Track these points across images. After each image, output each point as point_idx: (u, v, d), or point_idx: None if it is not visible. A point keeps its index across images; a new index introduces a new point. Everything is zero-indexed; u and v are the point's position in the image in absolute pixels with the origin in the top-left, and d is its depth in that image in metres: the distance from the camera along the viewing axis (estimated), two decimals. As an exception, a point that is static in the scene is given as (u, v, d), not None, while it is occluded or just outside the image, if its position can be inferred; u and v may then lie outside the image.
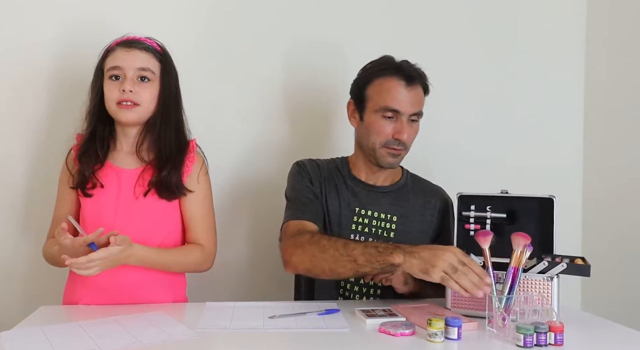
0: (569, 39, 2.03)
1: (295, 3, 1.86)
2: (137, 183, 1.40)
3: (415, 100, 1.45)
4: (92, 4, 1.73)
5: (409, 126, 1.45)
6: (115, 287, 1.36)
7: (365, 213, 1.50)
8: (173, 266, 1.42)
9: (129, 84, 1.35)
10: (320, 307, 1.30)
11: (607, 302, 1.91)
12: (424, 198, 1.54)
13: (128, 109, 1.37)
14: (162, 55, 1.42)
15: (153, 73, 1.39)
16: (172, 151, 1.41)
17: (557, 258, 1.24)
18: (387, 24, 1.91)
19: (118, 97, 1.36)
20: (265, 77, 1.84)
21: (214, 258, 1.47)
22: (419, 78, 1.46)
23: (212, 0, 1.81)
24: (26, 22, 1.70)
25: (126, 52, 1.37)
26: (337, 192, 1.52)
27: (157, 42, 1.44)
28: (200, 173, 1.45)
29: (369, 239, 1.47)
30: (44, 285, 1.66)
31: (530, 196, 1.33)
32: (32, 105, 1.72)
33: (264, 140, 1.86)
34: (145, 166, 1.41)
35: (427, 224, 1.53)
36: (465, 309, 1.26)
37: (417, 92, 1.46)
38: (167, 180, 1.38)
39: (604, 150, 1.98)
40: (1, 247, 1.71)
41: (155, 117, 1.41)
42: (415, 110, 1.45)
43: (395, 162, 1.49)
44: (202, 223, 1.45)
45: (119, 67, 1.37)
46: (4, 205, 1.71)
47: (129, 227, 1.35)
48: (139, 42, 1.41)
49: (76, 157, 1.42)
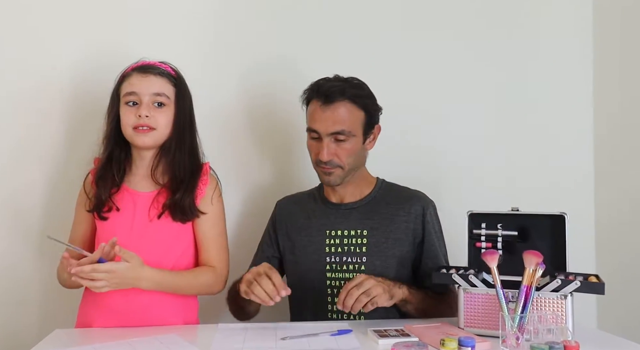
0: (576, 58, 2.03)
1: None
2: (151, 206, 1.42)
3: (333, 119, 1.44)
4: (110, 30, 1.76)
5: (331, 145, 1.45)
6: (127, 308, 1.38)
7: (335, 233, 1.52)
8: (185, 288, 1.42)
9: (145, 110, 1.38)
10: (332, 328, 1.30)
11: (624, 320, 1.88)
12: (396, 205, 1.53)
13: (144, 134, 1.40)
14: (176, 79, 1.45)
15: (168, 98, 1.41)
16: (186, 174, 1.43)
17: (571, 276, 1.23)
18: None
19: (134, 122, 1.39)
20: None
21: (226, 280, 1.48)
22: (340, 94, 1.44)
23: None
24: (46, 47, 1.74)
25: (142, 77, 1.40)
26: (309, 221, 1.56)
27: (172, 66, 1.47)
28: (214, 195, 1.47)
29: (343, 258, 1.50)
30: (59, 308, 1.68)
31: (542, 213, 1.32)
32: (50, 130, 1.75)
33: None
34: (160, 189, 1.43)
35: (402, 231, 1.51)
36: (479, 328, 1.25)
37: (336, 110, 1.44)
38: (180, 202, 1.40)
39: (616, 164, 1.96)
40: (18, 271, 1.73)
41: (170, 141, 1.43)
42: (334, 129, 1.44)
43: (331, 180, 1.49)
44: (215, 245, 1.46)
45: (134, 92, 1.39)
46: (22, 228, 1.73)
47: (143, 249, 1.36)
48: (154, 67, 1.43)
49: (93, 181, 1.45)
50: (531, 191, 1.92)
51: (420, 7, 1.94)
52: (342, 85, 1.47)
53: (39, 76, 1.74)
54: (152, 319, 1.38)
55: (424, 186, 1.62)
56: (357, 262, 1.49)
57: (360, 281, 1.31)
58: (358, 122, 1.47)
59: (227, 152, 1.81)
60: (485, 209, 1.37)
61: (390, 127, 1.60)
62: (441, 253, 1.53)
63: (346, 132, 1.45)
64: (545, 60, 2.01)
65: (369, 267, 1.48)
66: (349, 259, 1.50)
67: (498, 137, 1.98)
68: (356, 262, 1.49)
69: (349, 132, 1.45)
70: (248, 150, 1.85)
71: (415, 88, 1.92)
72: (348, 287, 1.31)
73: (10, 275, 1.72)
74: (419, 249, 1.52)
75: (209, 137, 1.57)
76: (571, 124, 2.03)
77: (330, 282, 1.50)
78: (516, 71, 1.99)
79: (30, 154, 1.74)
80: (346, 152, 1.47)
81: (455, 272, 1.31)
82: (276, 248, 1.61)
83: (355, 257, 1.49)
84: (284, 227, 1.61)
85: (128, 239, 1.39)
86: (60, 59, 1.75)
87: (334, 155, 1.46)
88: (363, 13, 1.91)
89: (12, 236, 1.73)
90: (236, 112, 1.84)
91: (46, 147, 1.74)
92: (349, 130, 1.45)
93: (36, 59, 1.74)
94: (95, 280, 1.25)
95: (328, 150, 1.45)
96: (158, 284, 1.35)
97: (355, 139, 1.47)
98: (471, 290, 1.29)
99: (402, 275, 1.48)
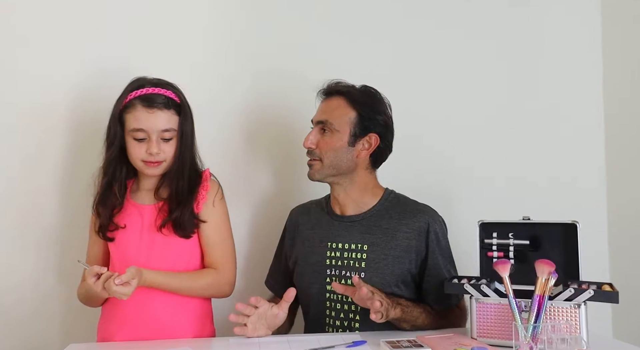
0: (586, 64, 2.03)
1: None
2: (157, 216, 1.44)
3: (322, 110, 1.53)
4: (114, 50, 1.78)
5: (316, 135, 1.50)
6: (143, 319, 1.41)
7: (336, 246, 1.51)
8: (184, 289, 1.43)
9: (155, 147, 1.40)
10: (345, 340, 1.30)
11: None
12: (399, 220, 1.49)
13: (154, 167, 1.43)
14: (180, 105, 1.45)
15: (175, 130, 1.43)
16: (184, 192, 1.44)
17: (584, 284, 1.23)
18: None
19: (144, 157, 1.41)
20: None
21: (232, 282, 1.49)
22: (338, 91, 1.51)
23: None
24: (51, 67, 1.75)
25: (148, 114, 1.39)
26: (313, 232, 1.56)
27: (174, 89, 1.45)
28: (215, 198, 1.48)
29: (343, 272, 1.48)
30: (78, 324, 1.69)
31: (553, 222, 1.32)
32: (63, 147, 1.76)
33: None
34: (162, 203, 1.46)
35: (404, 248, 1.47)
36: (492, 338, 1.25)
37: (329, 102, 1.52)
38: (180, 219, 1.42)
39: (628, 171, 1.95)
40: (38, 289, 1.74)
41: (174, 164, 1.45)
42: (320, 118, 1.51)
43: (311, 173, 1.52)
44: (219, 248, 1.48)
45: (142, 130, 1.40)
46: (40, 247, 1.74)
47: (153, 257, 1.41)
48: (158, 98, 1.41)
49: (94, 208, 1.47)
50: (543, 200, 1.91)
51: (423, 10, 1.95)
52: (347, 86, 1.52)
53: (45, 95, 1.75)
54: (167, 327, 1.41)
55: (434, 196, 1.62)
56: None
57: (372, 288, 1.33)
58: (345, 119, 1.48)
59: (231, 160, 1.81)
60: (496, 218, 1.37)
61: (400, 136, 1.59)
62: (445, 270, 1.48)
63: (329, 124, 1.48)
64: (557, 65, 2.01)
65: (367, 283, 1.41)
66: (348, 273, 1.47)
67: (509, 146, 1.97)
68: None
69: (331, 124, 1.48)
70: (252, 159, 1.86)
71: (423, 97, 1.93)
72: (370, 291, 1.31)
73: (31, 290, 1.73)
74: (422, 266, 1.48)
75: (211, 145, 1.58)
76: (583, 133, 2.02)
77: (329, 294, 1.49)
78: (528, 78, 1.99)
79: (45, 173, 1.75)
80: (327, 145, 1.48)
81: (467, 282, 1.31)
82: (284, 256, 1.62)
83: (354, 272, 1.46)
84: (292, 236, 1.62)
85: (138, 252, 1.42)
86: (66, 78, 1.76)
87: (316, 145, 1.49)
88: (367, 21, 1.91)
89: (32, 251, 1.74)
90: (240, 120, 1.85)
91: (60, 166, 1.76)
92: (332, 123, 1.48)
93: (41, 78, 1.75)
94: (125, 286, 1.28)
95: (311, 137, 1.50)
96: (155, 285, 1.38)
97: (338, 135, 1.48)
98: (483, 300, 1.28)
99: (401, 292, 1.46)
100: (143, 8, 1.80)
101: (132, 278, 1.28)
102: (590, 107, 2.03)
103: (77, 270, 1.56)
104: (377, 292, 1.34)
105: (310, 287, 1.52)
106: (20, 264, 1.73)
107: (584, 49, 2.03)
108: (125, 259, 1.41)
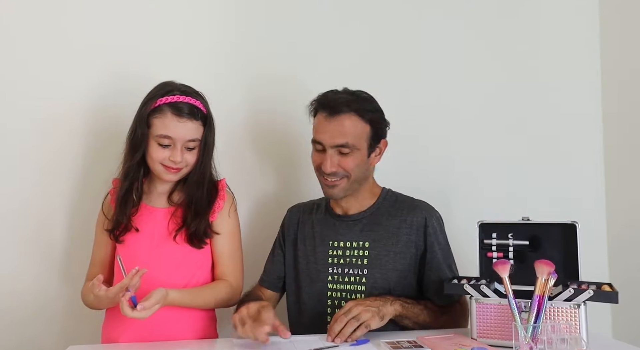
0: (585, 64, 2.03)
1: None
2: (170, 221, 1.45)
3: (338, 132, 1.43)
4: (132, 54, 1.79)
5: (335, 157, 1.44)
6: (147, 322, 1.38)
7: (338, 245, 1.53)
8: (204, 306, 1.46)
9: (179, 155, 1.41)
10: (347, 340, 1.30)
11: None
12: (399, 217, 1.51)
13: (173, 173, 1.43)
14: (206, 117, 1.45)
15: (200, 140, 1.44)
16: (202, 203, 1.45)
17: (583, 285, 1.23)
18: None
19: (165, 162, 1.41)
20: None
21: (240, 293, 1.51)
22: (346, 107, 1.43)
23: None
24: (70, 71, 1.77)
25: (177, 122, 1.39)
26: (313, 230, 1.57)
27: (202, 100, 1.46)
28: (230, 209, 1.50)
29: (345, 270, 1.50)
30: (82, 326, 1.70)
31: (553, 222, 1.33)
32: (70, 153, 1.77)
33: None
34: (176, 207, 1.46)
35: (404, 243, 1.48)
36: (492, 338, 1.25)
37: (341, 122, 1.43)
38: (196, 233, 1.43)
39: (627, 172, 1.96)
40: (43, 292, 1.75)
41: (193, 172, 1.46)
42: (338, 141, 1.43)
43: (335, 192, 1.48)
44: (231, 259, 1.50)
45: (169, 137, 1.40)
46: (45, 251, 1.76)
47: (163, 263, 1.42)
48: (188, 108, 1.41)
49: (113, 202, 1.48)
50: (542, 200, 1.92)
51: (422, 11, 1.96)
52: (349, 98, 1.46)
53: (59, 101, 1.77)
54: (171, 330, 1.41)
55: (433, 196, 1.62)
56: (359, 274, 1.49)
57: (348, 308, 1.31)
58: (363, 136, 1.46)
59: (233, 163, 1.81)
60: (495, 218, 1.38)
61: (399, 136, 1.61)
62: (445, 264, 1.49)
63: (350, 145, 1.44)
64: (555, 64, 2.02)
65: (369, 280, 1.47)
66: (350, 271, 1.49)
67: (508, 146, 1.98)
68: (357, 274, 1.49)
69: (352, 145, 1.44)
70: (250, 161, 1.87)
71: (423, 97, 1.94)
72: (337, 315, 1.31)
73: (35, 293, 1.75)
74: (422, 261, 1.49)
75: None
76: (582, 133, 2.03)
77: (331, 293, 1.50)
78: (527, 78, 2.00)
79: (51, 177, 1.76)
80: (351, 164, 1.46)
81: (467, 283, 1.32)
82: (282, 254, 1.62)
83: (357, 269, 1.49)
84: (291, 234, 1.62)
85: (148, 257, 1.42)
86: (83, 82, 1.78)
87: (338, 166, 1.45)
88: (366, 23, 1.93)
89: (37, 255, 1.76)
90: (241, 124, 1.86)
91: (66, 170, 1.77)
92: (352, 144, 1.44)
93: (59, 82, 1.77)
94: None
95: (331, 162, 1.44)
96: (179, 304, 1.39)
97: (359, 152, 1.46)
98: (483, 301, 1.29)
99: (403, 288, 1.47)
100: (144, 14, 1.82)
101: (156, 303, 1.27)
102: (589, 107, 2.04)
103: (80, 272, 1.57)
104: (356, 306, 1.31)
105: (312, 285, 1.53)
106: (25, 266, 1.74)
107: (582, 49, 2.04)
108: (134, 262, 1.38)
